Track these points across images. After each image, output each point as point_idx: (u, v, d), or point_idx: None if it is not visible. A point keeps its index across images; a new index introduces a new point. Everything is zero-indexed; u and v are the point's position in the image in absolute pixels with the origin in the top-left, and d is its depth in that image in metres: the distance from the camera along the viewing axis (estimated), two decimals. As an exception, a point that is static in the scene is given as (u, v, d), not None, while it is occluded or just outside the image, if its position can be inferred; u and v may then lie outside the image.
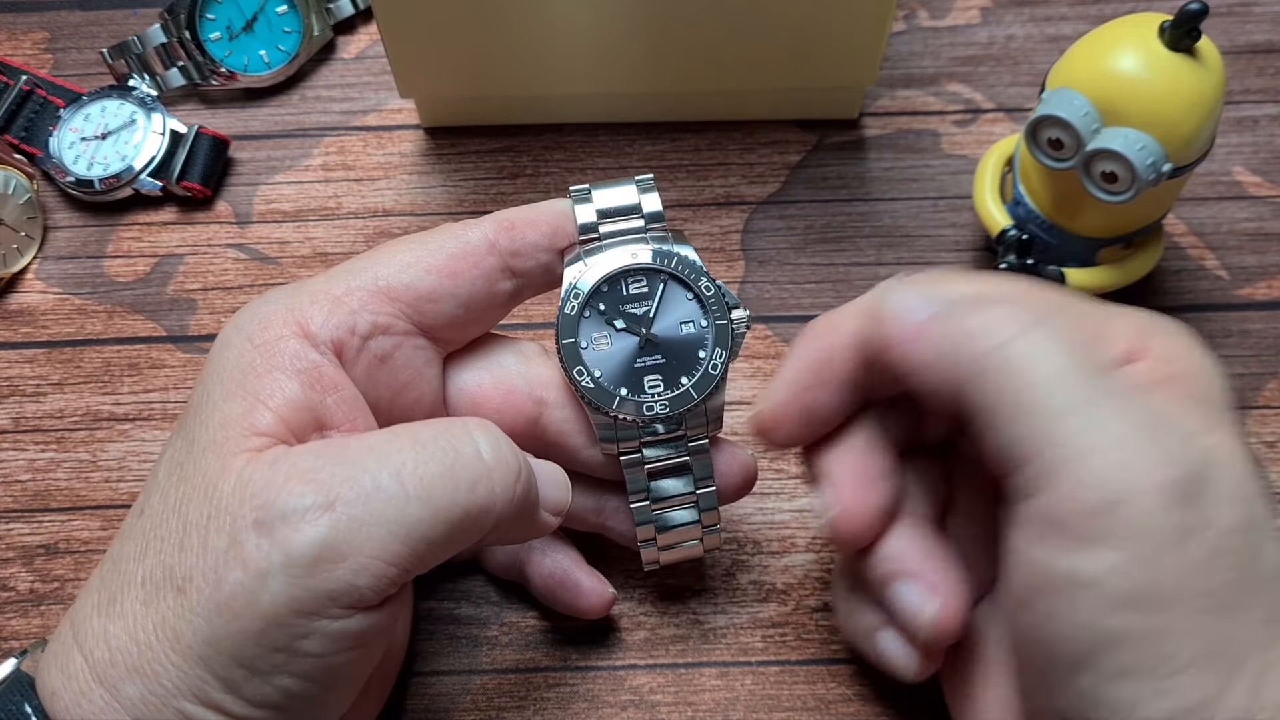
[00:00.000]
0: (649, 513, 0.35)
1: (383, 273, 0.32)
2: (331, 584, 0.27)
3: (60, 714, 0.28)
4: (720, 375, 0.33)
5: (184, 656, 0.27)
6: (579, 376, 0.33)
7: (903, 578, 0.32)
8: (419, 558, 0.28)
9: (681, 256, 0.33)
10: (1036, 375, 0.27)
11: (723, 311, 0.33)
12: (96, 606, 0.29)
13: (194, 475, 0.29)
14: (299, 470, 0.28)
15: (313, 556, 0.27)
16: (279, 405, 0.29)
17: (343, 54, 0.51)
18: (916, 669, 0.33)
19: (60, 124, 0.47)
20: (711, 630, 0.39)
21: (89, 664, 0.28)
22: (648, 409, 0.33)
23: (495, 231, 0.33)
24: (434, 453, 0.29)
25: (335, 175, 0.48)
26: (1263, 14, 0.50)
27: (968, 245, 0.45)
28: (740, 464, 0.35)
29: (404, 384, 0.33)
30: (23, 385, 0.44)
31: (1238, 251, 0.45)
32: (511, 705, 0.38)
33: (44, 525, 0.41)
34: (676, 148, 0.48)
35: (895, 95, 0.49)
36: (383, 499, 0.28)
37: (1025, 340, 0.27)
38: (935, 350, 0.29)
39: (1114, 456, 0.26)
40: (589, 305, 0.33)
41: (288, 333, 0.30)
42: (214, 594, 0.27)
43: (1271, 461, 0.41)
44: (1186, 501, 0.26)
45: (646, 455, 0.34)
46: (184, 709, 0.27)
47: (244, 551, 0.27)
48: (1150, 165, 0.36)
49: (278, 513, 0.27)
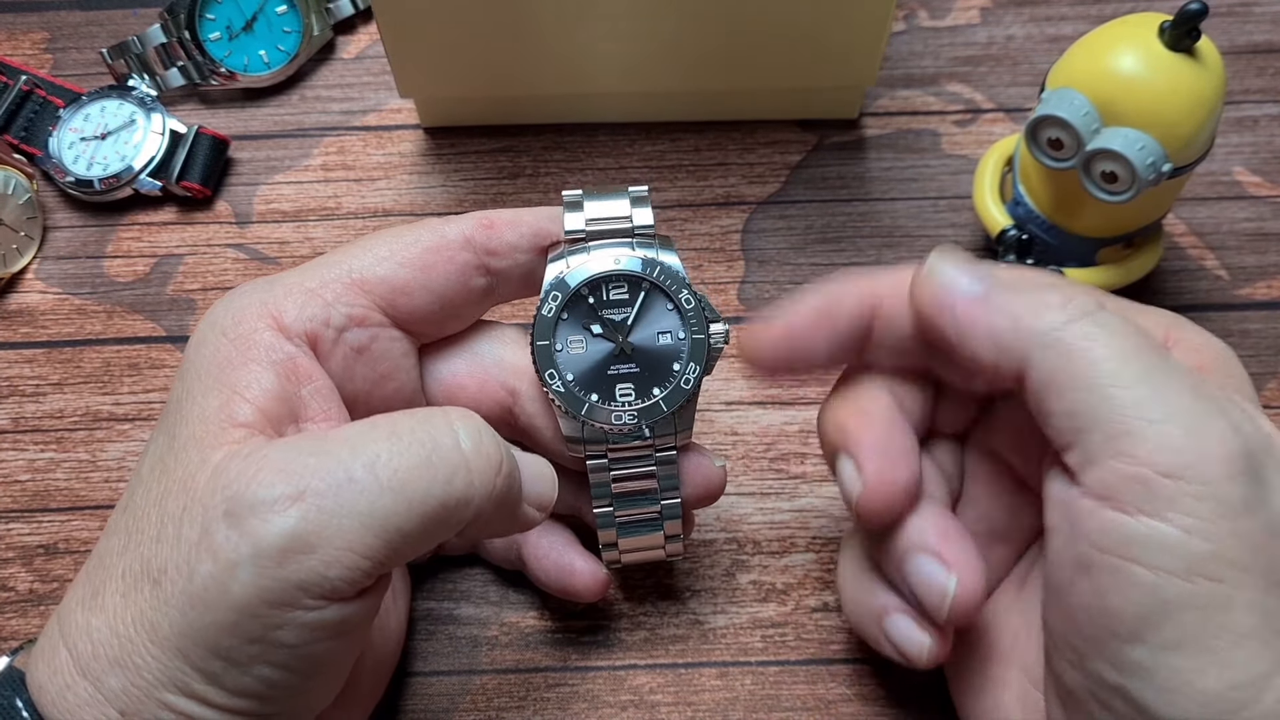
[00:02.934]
0: (611, 518, 0.35)
1: (356, 265, 0.32)
2: (301, 575, 0.27)
3: (48, 707, 0.28)
4: (693, 390, 0.33)
5: (162, 648, 0.27)
6: (550, 380, 0.33)
7: (923, 552, 0.31)
8: (393, 549, 0.28)
9: (665, 266, 0.33)
10: (1101, 351, 0.27)
11: (701, 325, 0.33)
12: (80, 601, 0.29)
13: (174, 469, 0.29)
14: (271, 462, 0.28)
15: (280, 547, 0.27)
16: (256, 396, 0.29)
17: (343, 54, 0.51)
18: (929, 653, 0.32)
19: (60, 124, 0.47)
20: (711, 630, 0.39)
21: (73, 657, 0.28)
22: (616, 418, 0.33)
23: (473, 228, 0.33)
24: (410, 444, 0.28)
25: (335, 175, 0.48)
26: (1263, 14, 0.50)
27: (968, 245, 0.45)
28: (705, 475, 0.35)
29: (382, 375, 0.33)
30: (22, 385, 0.44)
31: (1238, 251, 0.45)
32: (511, 705, 0.38)
33: (44, 525, 0.41)
34: (676, 148, 0.48)
35: (895, 95, 0.49)
36: (354, 490, 0.27)
37: (1090, 320, 0.28)
38: (997, 323, 0.29)
39: (1182, 425, 0.26)
40: (568, 308, 0.33)
41: (261, 325, 0.31)
42: (186, 586, 0.27)
43: (1271, 461, 0.41)
44: (1250, 476, 0.26)
45: (612, 461, 0.34)
46: (166, 700, 0.27)
47: (214, 542, 0.27)
48: (1150, 165, 0.36)
49: (246, 503, 0.27)
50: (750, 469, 0.41)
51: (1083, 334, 0.28)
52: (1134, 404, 0.27)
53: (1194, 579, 0.26)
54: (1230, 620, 0.26)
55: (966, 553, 0.31)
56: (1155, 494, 0.26)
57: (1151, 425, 0.26)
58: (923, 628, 0.32)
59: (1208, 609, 0.26)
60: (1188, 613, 0.26)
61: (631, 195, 0.34)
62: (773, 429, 0.42)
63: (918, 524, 0.32)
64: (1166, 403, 0.27)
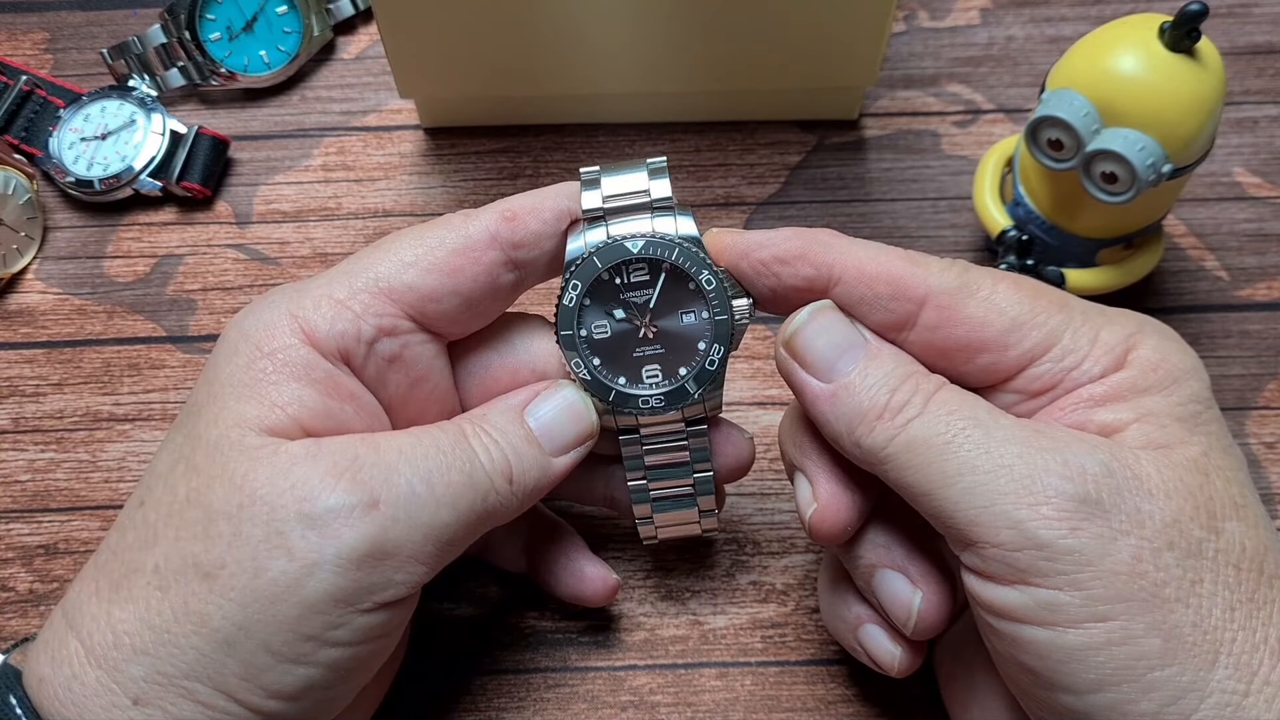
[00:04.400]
0: (646, 492, 0.35)
1: (383, 272, 0.32)
2: (374, 578, 0.29)
3: (48, 699, 0.29)
4: (718, 369, 0.33)
5: (207, 640, 0.28)
6: (576, 368, 0.33)
7: (889, 568, 0.32)
8: (441, 558, 0.30)
9: (684, 247, 0.33)
10: (923, 457, 0.29)
11: (723, 305, 0.33)
12: (96, 593, 0.29)
13: (208, 467, 0.29)
14: (337, 466, 0.29)
15: (364, 552, 0.29)
16: (298, 412, 0.30)
17: (343, 54, 0.51)
18: (900, 664, 0.33)
19: (60, 124, 0.47)
20: (711, 631, 0.39)
21: (85, 648, 0.29)
22: (644, 402, 0.33)
23: (497, 223, 0.33)
24: (453, 460, 0.30)
25: (335, 175, 0.48)
26: (1263, 14, 0.50)
27: (968, 246, 0.45)
28: (735, 447, 0.35)
29: (416, 379, 0.33)
30: (22, 385, 0.44)
31: (1238, 252, 0.45)
32: (511, 705, 0.38)
33: (44, 525, 0.41)
34: (676, 148, 0.48)
35: (895, 96, 0.49)
36: (418, 503, 0.29)
37: (917, 425, 0.29)
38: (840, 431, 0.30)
39: (1011, 500, 0.27)
40: (589, 294, 0.33)
41: (295, 340, 0.31)
42: (251, 581, 0.28)
43: (1271, 462, 0.41)
44: (1092, 514, 0.27)
45: (644, 434, 0.34)
46: (191, 689, 0.28)
47: (289, 542, 0.28)
48: (1150, 166, 0.36)
49: (324, 508, 0.28)
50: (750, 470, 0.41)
51: (906, 447, 0.29)
52: (965, 499, 0.28)
53: (1084, 625, 0.27)
54: (1137, 649, 0.26)
55: (930, 567, 0.32)
56: (1016, 566, 0.27)
57: (986, 511, 0.28)
58: (894, 639, 0.33)
59: (1109, 646, 0.27)
60: (1096, 654, 0.27)
61: (650, 167, 0.34)
62: (773, 429, 0.42)
63: (884, 539, 0.32)
64: (993, 485, 0.28)
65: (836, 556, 0.34)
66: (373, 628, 0.29)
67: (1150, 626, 0.26)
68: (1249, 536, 0.28)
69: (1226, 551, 0.28)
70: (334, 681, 0.30)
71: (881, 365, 0.30)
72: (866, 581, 0.33)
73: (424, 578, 0.30)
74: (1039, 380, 0.30)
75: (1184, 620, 0.26)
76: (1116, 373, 0.30)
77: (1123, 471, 0.28)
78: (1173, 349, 0.30)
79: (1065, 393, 0.30)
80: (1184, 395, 0.30)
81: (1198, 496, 0.28)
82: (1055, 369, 0.30)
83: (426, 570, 0.30)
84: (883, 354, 0.31)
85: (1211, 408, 0.30)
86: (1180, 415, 0.29)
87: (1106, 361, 0.30)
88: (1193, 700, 0.26)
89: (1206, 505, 0.28)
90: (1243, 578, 0.27)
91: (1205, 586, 0.27)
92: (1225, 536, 0.28)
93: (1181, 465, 0.28)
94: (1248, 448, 0.41)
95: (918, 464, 0.29)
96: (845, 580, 0.34)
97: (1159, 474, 0.28)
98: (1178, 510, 0.27)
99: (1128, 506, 0.27)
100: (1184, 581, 0.27)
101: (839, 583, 0.35)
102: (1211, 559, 0.27)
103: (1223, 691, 0.26)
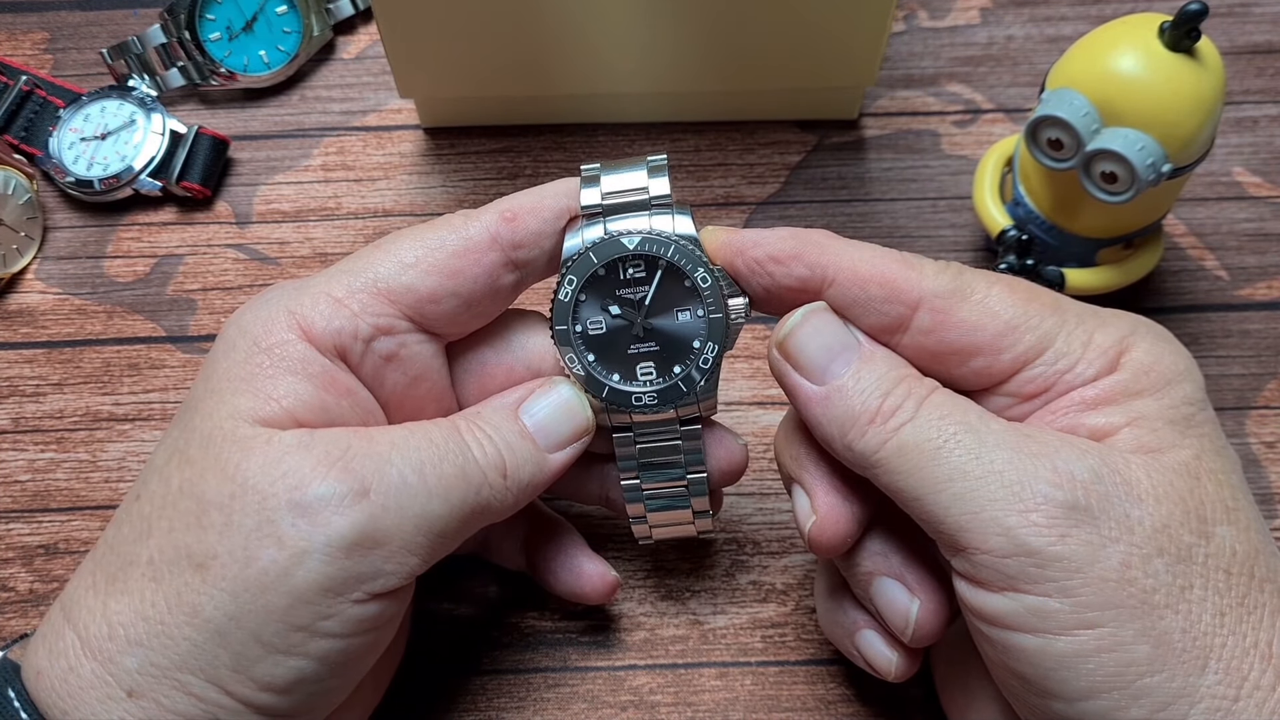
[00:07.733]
0: (640, 491, 0.35)
1: (383, 273, 0.32)
2: (363, 568, 0.29)
3: (45, 692, 0.29)
4: (713, 368, 0.33)
5: (199, 630, 0.28)
6: (570, 364, 0.33)
7: (887, 576, 0.32)
8: (435, 550, 0.30)
9: (680, 245, 0.33)
10: (914, 462, 0.29)
11: (719, 304, 0.33)
12: (93, 586, 0.30)
13: (202, 458, 0.29)
14: (329, 456, 0.29)
15: (352, 540, 0.28)
16: (293, 405, 0.30)
17: (343, 54, 0.51)
18: (897, 669, 0.33)
19: (60, 124, 0.47)
20: (711, 630, 0.39)
21: (81, 640, 0.29)
22: (637, 399, 0.33)
23: (497, 224, 0.33)
24: (446, 453, 0.31)
25: (335, 175, 0.48)
26: (1263, 14, 0.50)
27: (968, 246, 0.45)
28: (728, 450, 0.35)
29: (413, 378, 0.33)
30: (22, 385, 0.44)
31: (1238, 252, 0.45)
32: (511, 705, 0.38)
33: (44, 525, 0.41)
34: (676, 148, 0.48)
35: (895, 95, 0.49)
36: (409, 493, 0.29)
37: (908, 430, 0.29)
38: (833, 435, 0.30)
39: (1001, 506, 0.27)
40: (585, 289, 0.33)
41: (292, 336, 0.31)
42: (241, 571, 0.28)
43: (1271, 461, 0.41)
44: (1080, 521, 0.27)
45: (637, 432, 0.34)
46: (184, 681, 0.28)
47: (279, 531, 0.28)
48: (1150, 165, 0.36)
49: (314, 496, 0.28)
50: (750, 469, 0.41)
51: (898, 451, 0.29)
52: (955, 504, 0.28)
53: (1073, 632, 0.27)
54: (1127, 655, 0.26)
55: (927, 574, 0.32)
56: (1006, 572, 0.27)
57: (976, 517, 0.28)
58: (891, 645, 0.33)
59: (1099, 653, 0.27)
60: (1085, 662, 0.27)
61: (649, 165, 0.34)
62: (772, 428, 0.42)
63: (881, 547, 0.32)
64: (983, 490, 0.28)
65: (833, 563, 0.34)
66: (364, 620, 0.29)
67: (1139, 633, 0.26)
68: (1240, 540, 0.28)
69: (1217, 556, 0.28)
70: (325, 675, 0.29)
71: (874, 369, 0.30)
72: (864, 589, 0.33)
73: (416, 569, 0.30)
74: (1032, 383, 0.30)
75: (1173, 626, 0.26)
76: (1109, 376, 0.30)
77: (1112, 477, 0.28)
78: (1166, 351, 0.30)
79: (1058, 396, 0.30)
80: (1176, 398, 0.30)
81: (1188, 501, 0.28)
82: (1049, 372, 0.30)
83: (419, 562, 0.30)
84: (876, 357, 0.31)
85: (1205, 410, 0.30)
86: (1172, 418, 0.29)
87: (1100, 364, 0.30)
88: (1183, 706, 0.26)
89: (1197, 510, 0.28)
90: (1233, 582, 0.27)
91: (1195, 592, 0.27)
92: (1216, 541, 0.28)
93: (1172, 469, 0.28)
94: (1247, 447, 0.41)
95: (909, 469, 0.29)
96: (842, 586, 0.34)
97: (1149, 479, 0.28)
98: (1167, 515, 0.27)
99: (1117, 513, 0.27)
100: (1173, 587, 0.27)
101: (836, 589, 0.35)
102: (1201, 564, 0.27)
103: (1212, 697, 0.26)
